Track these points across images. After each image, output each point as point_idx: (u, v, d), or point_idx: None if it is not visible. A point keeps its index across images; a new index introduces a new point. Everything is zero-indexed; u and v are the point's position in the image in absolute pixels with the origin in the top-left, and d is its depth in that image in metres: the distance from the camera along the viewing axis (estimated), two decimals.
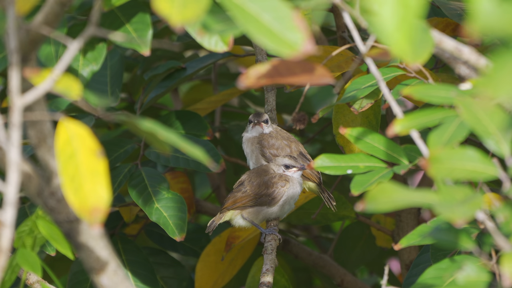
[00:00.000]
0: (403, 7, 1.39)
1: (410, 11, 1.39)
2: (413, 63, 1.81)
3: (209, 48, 2.20)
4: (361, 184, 1.99)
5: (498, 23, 1.38)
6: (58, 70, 1.56)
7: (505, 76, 1.36)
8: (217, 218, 2.48)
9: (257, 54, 2.56)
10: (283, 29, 1.51)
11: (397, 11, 1.39)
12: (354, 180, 2.00)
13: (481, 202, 1.64)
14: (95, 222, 1.57)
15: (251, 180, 2.48)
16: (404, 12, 1.39)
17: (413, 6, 1.39)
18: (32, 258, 1.92)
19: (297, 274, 3.45)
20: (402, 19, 1.39)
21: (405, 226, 2.98)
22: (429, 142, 1.80)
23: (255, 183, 2.47)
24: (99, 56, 2.28)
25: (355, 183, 2.00)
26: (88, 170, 1.57)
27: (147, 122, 1.58)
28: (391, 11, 1.39)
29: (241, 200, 2.47)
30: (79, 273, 2.77)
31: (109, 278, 1.75)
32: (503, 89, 1.36)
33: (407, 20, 1.40)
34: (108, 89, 2.74)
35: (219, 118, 3.28)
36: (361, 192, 1.98)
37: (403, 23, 1.40)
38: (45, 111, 1.65)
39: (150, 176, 2.64)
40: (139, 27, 2.25)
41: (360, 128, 2.08)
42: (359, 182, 2.00)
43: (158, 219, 2.57)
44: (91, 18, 1.57)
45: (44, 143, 1.67)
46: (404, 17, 1.39)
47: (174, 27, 1.47)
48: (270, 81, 1.66)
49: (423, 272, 1.92)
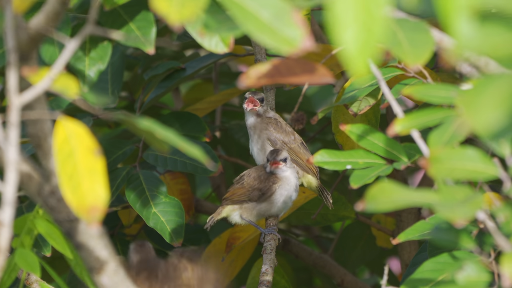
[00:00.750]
0: (366, 32, 1.37)
1: (372, 36, 1.37)
2: (413, 64, 1.81)
3: (209, 49, 2.20)
4: (360, 178, 2.00)
5: (479, 48, 1.37)
6: (56, 68, 1.57)
7: (484, 105, 1.35)
8: (215, 214, 2.49)
9: (256, 54, 2.56)
10: (282, 26, 1.51)
11: (359, 37, 1.38)
12: (353, 174, 2.01)
13: (481, 202, 1.64)
14: (93, 221, 1.57)
15: (250, 174, 2.49)
16: (367, 37, 1.37)
17: (377, 31, 1.37)
18: (31, 258, 1.93)
19: (297, 274, 3.45)
20: (364, 44, 1.38)
21: (405, 226, 2.98)
22: (429, 141, 1.80)
23: (252, 176, 2.48)
24: (105, 55, 2.28)
25: (354, 176, 2.00)
26: (86, 169, 1.58)
27: (145, 121, 1.58)
28: (353, 36, 1.37)
29: (237, 191, 2.47)
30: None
31: (110, 278, 1.75)
32: (482, 119, 1.35)
33: (369, 45, 1.38)
34: (109, 86, 2.74)
35: (220, 117, 3.28)
36: (360, 185, 1.98)
37: (365, 48, 1.38)
38: (45, 110, 1.65)
39: (148, 180, 2.63)
40: (142, 25, 2.24)
41: (360, 124, 2.08)
42: (358, 176, 2.00)
43: (155, 225, 2.57)
44: (89, 16, 1.57)
45: (44, 142, 1.68)
46: (366, 42, 1.37)
47: (172, 26, 1.47)
48: (271, 80, 1.67)
49: (421, 265, 1.92)
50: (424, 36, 1.84)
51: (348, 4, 1.35)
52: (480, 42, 1.36)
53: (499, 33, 1.37)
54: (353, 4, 1.36)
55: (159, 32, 3.09)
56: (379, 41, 1.36)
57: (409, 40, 1.83)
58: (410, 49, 1.82)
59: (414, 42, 1.83)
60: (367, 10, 1.35)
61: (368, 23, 1.35)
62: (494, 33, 1.37)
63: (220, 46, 2.20)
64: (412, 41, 1.83)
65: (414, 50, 1.82)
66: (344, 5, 1.35)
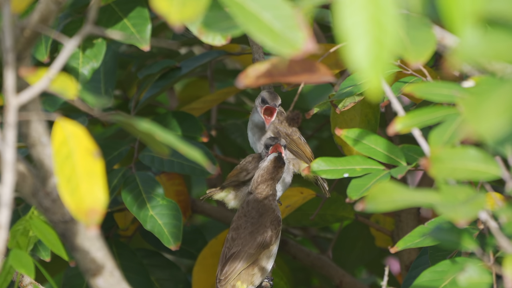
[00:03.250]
0: (377, 46, 1.38)
1: (384, 49, 1.38)
2: (415, 62, 1.82)
3: (206, 41, 2.20)
4: (358, 189, 2.00)
5: (484, 53, 1.38)
6: (54, 68, 1.57)
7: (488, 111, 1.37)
8: (215, 191, 2.50)
9: (254, 53, 2.57)
10: (284, 28, 1.51)
11: (371, 51, 1.38)
12: (350, 185, 2.01)
13: (484, 202, 1.65)
14: (92, 223, 1.57)
15: (247, 159, 2.51)
16: (379, 51, 1.38)
17: (388, 44, 1.38)
18: (26, 260, 1.93)
19: (295, 275, 3.46)
20: (376, 58, 1.38)
21: (404, 226, 2.99)
22: (430, 140, 1.80)
23: (247, 160, 2.50)
24: (99, 53, 2.28)
25: (352, 188, 2.00)
26: (84, 171, 1.58)
27: (144, 123, 1.59)
28: (365, 50, 1.38)
29: (232, 173, 2.49)
30: (73, 278, 2.77)
31: (105, 280, 1.75)
32: (485, 125, 1.36)
33: (381, 58, 1.38)
34: (101, 86, 2.74)
35: (216, 116, 3.28)
36: (358, 198, 1.98)
37: (377, 62, 1.38)
38: (40, 111, 1.66)
39: (144, 181, 2.63)
40: (137, 22, 2.25)
41: (357, 129, 2.08)
42: (356, 186, 2.00)
43: (152, 228, 2.57)
44: (88, 16, 1.57)
45: (39, 143, 1.68)
46: (378, 56, 1.38)
47: (173, 26, 1.48)
48: (270, 80, 1.67)
49: (419, 275, 1.93)
50: (426, 33, 1.85)
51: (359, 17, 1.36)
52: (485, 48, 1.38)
53: (503, 39, 1.38)
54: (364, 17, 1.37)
55: (155, 31, 3.10)
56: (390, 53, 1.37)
57: (411, 37, 1.83)
58: (412, 47, 1.83)
59: (415, 40, 1.83)
60: (378, 23, 1.36)
61: (380, 37, 1.36)
62: (498, 39, 1.38)
63: (217, 38, 2.20)
64: (414, 38, 1.83)
65: (416, 48, 1.82)
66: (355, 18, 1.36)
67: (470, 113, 1.36)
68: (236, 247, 2.41)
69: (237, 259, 2.39)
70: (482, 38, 1.37)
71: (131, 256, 2.82)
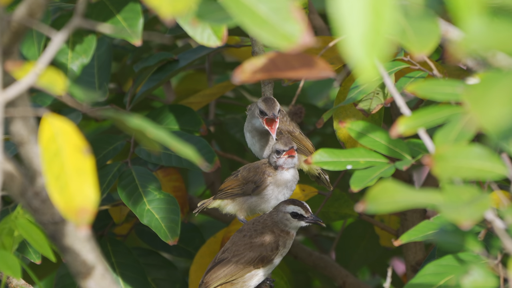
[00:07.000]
0: (373, 33, 1.37)
1: (380, 37, 1.38)
2: (418, 53, 1.81)
3: (201, 42, 2.20)
4: (361, 180, 2.00)
5: (489, 42, 1.38)
6: (41, 63, 1.57)
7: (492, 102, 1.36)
8: (207, 202, 2.49)
9: (253, 46, 2.56)
10: (280, 21, 1.50)
11: (367, 38, 1.38)
12: (354, 176, 2.00)
13: (489, 203, 1.64)
14: (82, 223, 1.57)
15: (246, 167, 2.50)
16: (374, 38, 1.38)
17: (384, 32, 1.38)
18: (12, 261, 1.92)
19: (296, 277, 3.45)
20: (371, 45, 1.38)
21: (410, 225, 2.98)
22: (435, 140, 1.80)
23: (247, 168, 2.49)
24: (89, 48, 2.27)
25: (355, 178, 2.00)
26: (74, 169, 1.57)
27: (135, 119, 1.58)
28: (360, 37, 1.38)
29: (231, 184, 2.48)
30: (65, 277, 2.77)
31: (97, 283, 1.75)
32: (490, 115, 1.36)
33: (377, 46, 1.38)
34: (95, 80, 2.74)
35: (214, 111, 3.28)
36: (361, 189, 1.98)
37: (372, 49, 1.38)
38: (28, 107, 1.65)
39: (140, 175, 2.63)
40: (129, 16, 2.24)
41: (361, 122, 2.07)
42: (359, 177, 2.00)
43: (149, 222, 2.56)
44: (77, 8, 1.57)
45: (27, 141, 1.67)
46: (374, 43, 1.38)
47: (164, 19, 1.47)
48: (267, 75, 1.66)
49: (423, 268, 1.93)
50: (430, 24, 1.84)
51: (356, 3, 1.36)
52: (490, 37, 1.37)
53: (508, 28, 1.38)
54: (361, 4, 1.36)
55: (149, 23, 3.09)
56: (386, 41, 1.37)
57: (414, 28, 1.83)
58: (415, 38, 1.82)
59: (419, 31, 1.82)
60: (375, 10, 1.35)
61: (376, 24, 1.35)
62: (503, 28, 1.38)
63: (212, 39, 2.20)
64: (417, 29, 1.82)
65: (420, 39, 1.82)
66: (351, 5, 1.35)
67: (474, 103, 1.35)
68: (228, 253, 2.41)
69: (223, 267, 2.39)
70: (488, 26, 1.37)
71: (127, 254, 2.82)
